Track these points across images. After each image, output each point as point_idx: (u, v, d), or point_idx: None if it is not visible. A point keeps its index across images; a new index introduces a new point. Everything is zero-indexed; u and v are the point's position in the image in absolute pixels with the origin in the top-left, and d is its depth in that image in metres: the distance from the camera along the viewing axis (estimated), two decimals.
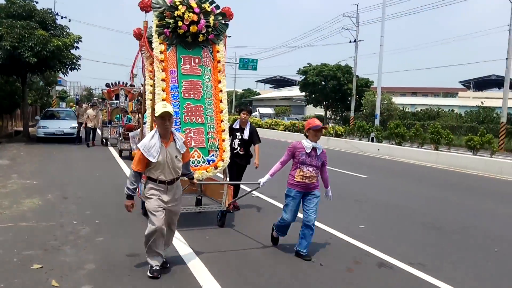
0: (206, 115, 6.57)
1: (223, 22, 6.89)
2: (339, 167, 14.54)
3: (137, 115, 16.34)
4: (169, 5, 6.46)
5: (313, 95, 45.46)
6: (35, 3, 20.02)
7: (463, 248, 6.23)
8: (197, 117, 6.50)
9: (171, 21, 6.41)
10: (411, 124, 32.41)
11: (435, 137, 19.88)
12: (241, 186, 8.07)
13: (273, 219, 6.14)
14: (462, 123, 35.77)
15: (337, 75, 42.55)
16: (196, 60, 6.69)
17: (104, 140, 20.04)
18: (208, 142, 6.48)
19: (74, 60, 20.50)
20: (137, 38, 7.64)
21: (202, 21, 6.53)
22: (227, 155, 6.54)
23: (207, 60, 6.78)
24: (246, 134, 7.50)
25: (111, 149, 18.01)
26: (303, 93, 47.60)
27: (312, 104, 48.08)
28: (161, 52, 6.44)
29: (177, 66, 6.54)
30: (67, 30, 20.70)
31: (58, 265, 4.78)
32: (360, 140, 25.42)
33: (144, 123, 10.88)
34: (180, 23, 6.40)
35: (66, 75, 23.09)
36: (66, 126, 20.31)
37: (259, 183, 5.51)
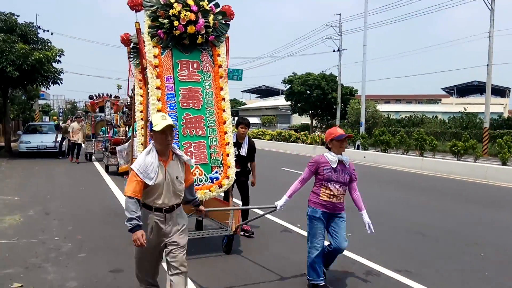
0: (208, 126, 5.76)
1: (223, 22, 6.10)
2: None
3: (123, 128, 15.77)
4: (162, 3, 5.64)
5: (299, 104, 45.70)
6: (16, 16, 19.82)
7: (449, 254, 6.23)
8: (198, 129, 5.69)
9: (166, 21, 5.63)
10: (396, 131, 32.66)
11: (419, 144, 20.03)
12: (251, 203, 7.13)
13: (289, 243, 5.93)
14: (446, 129, 36.18)
15: (321, 84, 42.92)
16: (195, 65, 5.90)
17: (88, 155, 19.04)
18: (211, 158, 5.67)
19: (56, 74, 20.31)
20: (125, 44, 7.10)
21: (201, 20, 5.73)
22: (232, 172, 5.71)
23: (207, 64, 5.99)
24: (244, 150, 6.78)
25: (97, 164, 17.29)
26: (289, 102, 47.83)
27: (298, 113, 48.35)
28: (154, 57, 5.63)
29: (173, 72, 5.74)
30: (49, 44, 20.52)
31: (39, 283, 4.66)
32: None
33: (134, 136, 10.69)
34: (176, 23, 5.62)
35: (48, 89, 22.84)
36: (49, 140, 20.00)
37: (275, 207, 4.75)
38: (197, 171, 5.52)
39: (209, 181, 5.56)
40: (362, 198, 4.81)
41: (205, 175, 5.57)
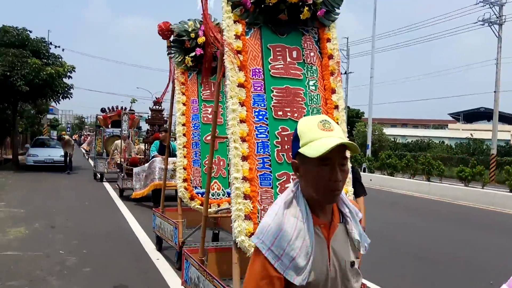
0: None
1: None
2: None
3: (138, 146, 14.60)
4: None
5: None
6: (29, 32, 20.17)
7: (457, 280, 6.14)
8: None
9: None
10: (402, 155, 32.56)
11: (426, 168, 19.96)
12: None
13: None
14: (452, 154, 36.01)
15: None
16: (294, 54, 3.83)
17: (98, 175, 16.80)
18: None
19: (67, 89, 20.56)
20: (164, 36, 5.98)
21: None
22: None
23: (312, 54, 3.90)
24: None
25: (107, 186, 15.27)
26: None
27: None
28: (236, 37, 3.64)
29: (262, 63, 3.74)
30: (60, 59, 20.82)
31: None
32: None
33: (153, 156, 10.16)
34: None
35: (58, 103, 23.11)
36: (56, 154, 20.15)
37: None
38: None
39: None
40: (368, 221, 4.76)
41: (223, 190, 5.55)
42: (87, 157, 28.94)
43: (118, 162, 14.39)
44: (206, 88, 5.90)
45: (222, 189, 5.50)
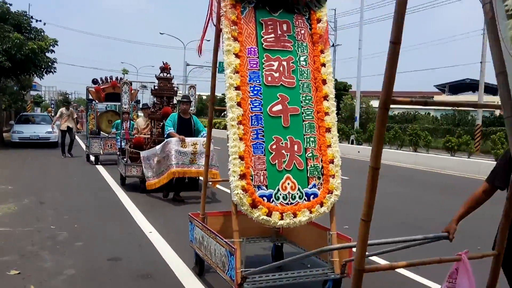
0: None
1: None
2: None
3: (142, 122, 10.94)
4: None
5: None
6: (9, 5, 19.55)
7: (446, 247, 6.24)
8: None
9: None
10: (389, 127, 32.80)
11: (414, 139, 20.12)
12: None
13: None
14: (438, 125, 36.36)
15: None
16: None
17: (92, 158, 14.31)
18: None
19: (50, 63, 20.11)
20: None
21: None
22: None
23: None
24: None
25: (101, 169, 12.99)
26: None
27: None
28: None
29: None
30: (43, 34, 20.29)
31: (37, 270, 4.61)
32: (340, 142, 25.56)
33: (167, 135, 8.00)
34: None
35: (42, 79, 22.61)
36: (42, 130, 19.84)
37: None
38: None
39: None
40: (359, 191, 4.79)
41: (299, 189, 3.84)
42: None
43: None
44: (269, 29, 4.02)
45: (299, 189, 3.85)
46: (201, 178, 7.53)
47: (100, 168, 13.24)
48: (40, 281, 4.31)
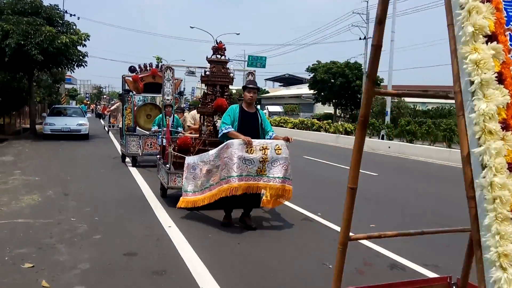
0: None
1: None
2: (348, 164, 14.17)
3: (190, 118, 9.66)
4: None
5: (322, 93, 45.00)
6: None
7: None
8: None
9: None
10: (422, 122, 31.94)
11: (447, 135, 19.45)
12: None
13: (309, 232, 5.79)
14: None
15: (345, 72, 42.08)
16: None
17: (127, 158, 12.45)
18: None
19: (81, 57, 20.43)
20: None
21: None
22: None
23: None
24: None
25: (135, 172, 10.96)
26: (312, 91, 47.19)
27: (321, 102, 47.66)
28: None
29: None
30: (74, 27, 20.61)
31: (51, 264, 4.54)
32: (370, 138, 25.03)
33: (222, 134, 6.08)
34: None
35: (73, 72, 23.06)
36: (73, 123, 20.21)
37: None
38: None
39: None
40: (388, 189, 4.53)
41: None
42: (107, 129, 26.23)
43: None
44: None
45: None
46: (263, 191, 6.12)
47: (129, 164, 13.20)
48: (53, 275, 4.23)
